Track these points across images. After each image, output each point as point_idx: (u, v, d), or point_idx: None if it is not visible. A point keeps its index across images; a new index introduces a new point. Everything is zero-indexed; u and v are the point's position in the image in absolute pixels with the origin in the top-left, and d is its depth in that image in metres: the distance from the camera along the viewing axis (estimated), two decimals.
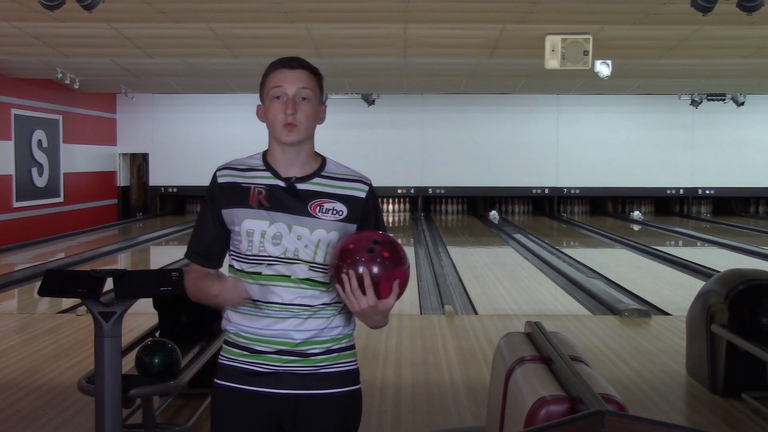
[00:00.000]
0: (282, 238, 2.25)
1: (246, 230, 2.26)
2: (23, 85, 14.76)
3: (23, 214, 14.77)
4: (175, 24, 9.62)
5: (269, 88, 2.29)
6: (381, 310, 2.14)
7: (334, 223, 2.28)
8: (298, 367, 2.26)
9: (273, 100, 2.28)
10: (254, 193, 2.27)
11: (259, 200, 2.26)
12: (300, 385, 2.26)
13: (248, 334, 2.28)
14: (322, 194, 2.29)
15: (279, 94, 2.27)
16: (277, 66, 2.31)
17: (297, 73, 2.28)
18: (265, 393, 2.26)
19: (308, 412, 2.26)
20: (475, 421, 4.54)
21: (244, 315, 2.28)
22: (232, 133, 19.05)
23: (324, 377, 2.27)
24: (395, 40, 10.66)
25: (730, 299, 5.00)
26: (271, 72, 2.31)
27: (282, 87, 2.27)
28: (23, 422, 4.55)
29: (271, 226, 2.25)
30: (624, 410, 2.12)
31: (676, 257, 11.99)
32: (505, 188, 20.16)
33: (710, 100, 18.54)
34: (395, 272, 2.12)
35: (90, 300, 3.50)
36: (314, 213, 2.27)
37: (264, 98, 2.32)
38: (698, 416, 4.74)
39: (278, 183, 2.28)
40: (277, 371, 2.25)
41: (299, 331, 2.25)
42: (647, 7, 8.70)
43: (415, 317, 7.55)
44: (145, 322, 6.56)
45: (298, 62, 2.31)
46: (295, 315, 2.25)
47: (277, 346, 2.25)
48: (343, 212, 2.29)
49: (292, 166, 2.30)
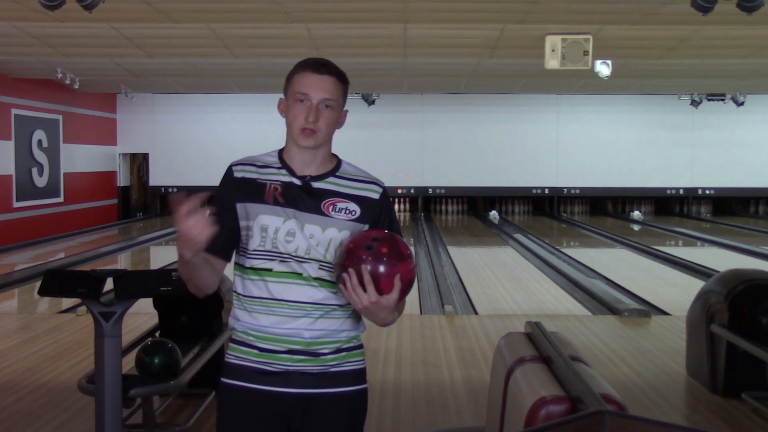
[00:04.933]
0: (295, 236, 2.24)
1: (260, 225, 2.24)
2: (23, 85, 14.76)
3: (23, 214, 14.77)
4: (175, 24, 9.62)
5: (294, 90, 2.27)
6: (384, 305, 2.13)
7: (346, 222, 2.28)
8: (308, 366, 2.25)
9: (296, 102, 2.27)
10: (270, 190, 2.26)
11: (274, 196, 2.25)
12: (311, 384, 2.25)
13: (258, 332, 2.25)
14: (335, 193, 2.29)
15: (303, 98, 2.26)
16: (306, 68, 2.28)
17: (324, 80, 2.26)
18: (276, 393, 2.24)
19: (319, 412, 2.25)
20: (475, 421, 4.54)
21: (253, 313, 2.25)
22: (232, 133, 19.06)
23: (334, 376, 2.27)
24: (395, 40, 10.66)
25: (730, 299, 5.00)
26: (299, 72, 2.28)
27: (307, 94, 2.25)
28: (23, 422, 4.55)
29: (285, 222, 2.24)
30: (624, 410, 2.12)
31: (676, 257, 11.99)
32: (505, 188, 20.16)
33: (710, 100, 18.54)
34: (395, 267, 2.13)
35: (90, 300, 3.50)
36: (327, 212, 2.27)
37: (288, 96, 2.30)
38: (698, 416, 4.74)
39: (294, 181, 2.28)
40: (288, 370, 2.24)
41: (310, 330, 2.24)
42: (647, 7, 8.69)
43: (415, 317, 7.55)
44: (145, 322, 6.56)
45: (327, 68, 2.28)
46: (307, 314, 2.24)
47: (288, 345, 2.24)
48: (356, 212, 2.29)
49: (308, 166, 2.30)
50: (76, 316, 7.32)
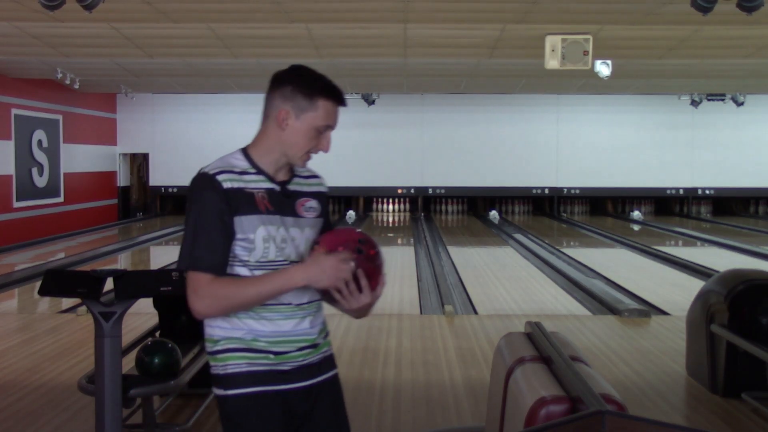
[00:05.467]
0: (287, 241, 2.27)
1: (262, 237, 2.23)
2: (23, 85, 14.76)
3: (23, 214, 14.77)
4: (175, 24, 9.62)
5: (319, 118, 2.25)
6: (374, 302, 2.26)
7: (314, 220, 2.36)
8: (312, 357, 2.33)
9: (316, 130, 2.26)
10: (260, 199, 2.24)
11: (265, 205, 2.25)
12: (314, 373, 2.33)
13: (269, 337, 2.26)
14: (302, 193, 2.35)
15: (326, 130, 2.28)
16: (333, 97, 2.27)
17: (340, 112, 2.31)
18: (290, 390, 2.28)
19: (323, 398, 2.35)
20: (475, 421, 4.54)
21: (262, 320, 2.25)
22: (232, 133, 18.97)
23: (326, 361, 2.37)
24: (395, 40, 10.66)
25: (730, 299, 5.00)
26: (326, 100, 2.25)
27: (331, 126, 2.28)
28: (23, 422, 4.55)
29: (278, 230, 2.26)
30: (624, 410, 2.12)
31: (676, 257, 11.99)
32: (505, 188, 20.16)
33: (710, 100, 18.54)
34: (382, 266, 2.28)
35: (90, 300, 3.50)
36: (301, 213, 2.31)
37: (303, 116, 2.25)
38: (698, 416, 4.73)
39: (273, 187, 2.29)
40: (299, 366, 2.30)
41: (314, 326, 2.33)
42: (647, 7, 8.69)
43: (415, 317, 7.55)
44: (145, 322, 6.56)
45: (344, 99, 2.31)
46: (309, 313, 2.32)
47: (299, 344, 2.30)
48: (318, 209, 2.37)
49: (281, 170, 2.32)
50: (76, 316, 7.32)
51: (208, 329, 2.29)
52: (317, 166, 2.42)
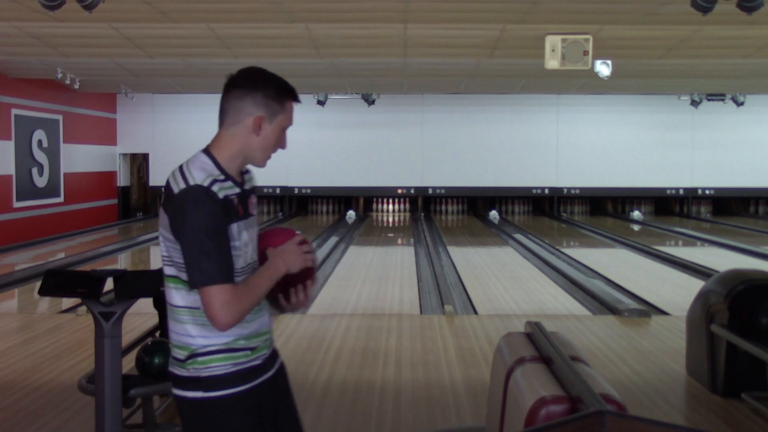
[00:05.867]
0: (249, 243, 2.34)
1: (243, 242, 2.29)
2: (23, 85, 14.76)
3: (23, 214, 14.76)
4: (175, 24, 9.62)
5: (287, 119, 2.34)
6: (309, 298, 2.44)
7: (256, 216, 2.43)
8: (270, 346, 2.42)
9: (282, 130, 2.35)
10: (236, 204, 2.29)
11: (240, 210, 2.30)
12: (274, 361, 2.43)
13: (247, 336, 2.32)
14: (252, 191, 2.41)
15: (287, 128, 2.36)
16: (294, 98, 2.35)
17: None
18: (264, 381, 2.34)
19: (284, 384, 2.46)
20: (475, 421, 4.54)
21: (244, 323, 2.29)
22: None
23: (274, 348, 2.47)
24: (395, 40, 10.66)
25: (730, 299, 5.00)
26: (291, 102, 2.34)
27: (292, 124, 2.37)
28: (23, 422, 4.55)
29: (249, 232, 2.33)
30: (624, 410, 2.12)
31: (676, 257, 11.99)
32: (505, 188, 20.16)
33: (710, 100, 18.54)
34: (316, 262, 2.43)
35: (90, 300, 3.50)
36: (252, 211, 2.37)
37: (275, 121, 2.31)
38: (698, 416, 4.74)
39: (239, 190, 2.33)
40: (266, 358, 2.38)
41: (269, 316, 2.43)
42: (647, 7, 8.70)
43: (415, 317, 7.55)
44: (145, 322, 6.56)
45: None
46: (265, 304, 2.42)
47: (265, 337, 2.39)
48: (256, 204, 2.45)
49: (240, 174, 2.36)
50: (76, 316, 7.32)
51: (187, 339, 2.26)
52: (319, 166, 2.46)
